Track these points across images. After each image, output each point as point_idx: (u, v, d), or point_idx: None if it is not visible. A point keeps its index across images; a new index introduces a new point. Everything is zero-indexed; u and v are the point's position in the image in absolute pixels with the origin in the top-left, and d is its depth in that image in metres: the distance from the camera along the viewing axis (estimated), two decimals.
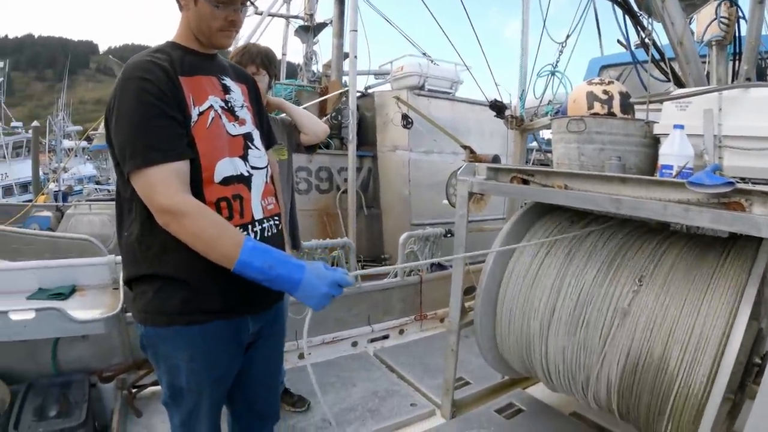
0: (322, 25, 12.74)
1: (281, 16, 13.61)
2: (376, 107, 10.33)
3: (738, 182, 2.54)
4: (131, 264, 2.03)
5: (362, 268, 8.83)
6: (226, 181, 2.02)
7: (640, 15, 3.79)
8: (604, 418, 3.55)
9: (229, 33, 2.09)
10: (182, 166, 1.86)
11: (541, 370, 3.11)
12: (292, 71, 14.90)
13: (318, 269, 1.91)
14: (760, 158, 2.73)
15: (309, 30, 12.72)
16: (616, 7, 3.87)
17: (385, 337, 5.29)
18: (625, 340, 2.59)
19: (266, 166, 2.25)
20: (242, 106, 2.21)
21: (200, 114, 1.98)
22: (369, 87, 12.19)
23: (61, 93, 49.03)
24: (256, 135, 2.25)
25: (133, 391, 3.76)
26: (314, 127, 3.61)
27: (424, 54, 11.30)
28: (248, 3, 2.13)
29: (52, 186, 22.41)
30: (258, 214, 2.14)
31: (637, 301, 2.60)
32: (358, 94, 9.56)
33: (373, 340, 5.20)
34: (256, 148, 2.21)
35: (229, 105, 2.14)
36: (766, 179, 2.70)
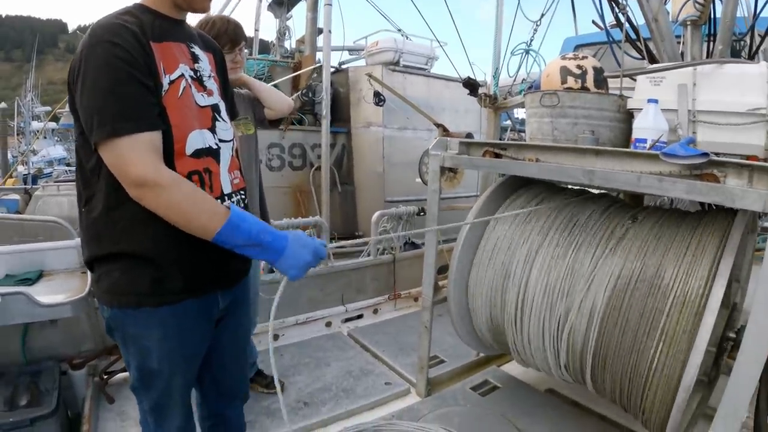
0: (295, 0, 12.57)
1: None
2: (350, 83, 10.30)
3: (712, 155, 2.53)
4: (94, 242, 1.94)
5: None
6: (197, 153, 1.94)
7: None
8: (579, 393, 3.56)
9: None
10: (155, 137, 1.77)
11: (515, 345, 3.10)
12: (265, 48, 14.71)
13: (301, 238, 1.89)
14: (733, 133, 2.70)
15: (282, 4, 12.54)
16: None
17: (360, 316, 5.27)
18: (598, 310, 2.59)
19: (232, 139, 2.18)
20: (210, 76, 2.12)
21: (171, 83, 1.88)
22: (343, 63, 12.12)
23: (29, 74, 48.15)
24: (223, 107, 2.17)
25: (105, 377, 3.69)
26: (278, 102, 3.54)
27: (399, 30, 11.23)
28: None
29: (21, 169, 22.04)
30: (227, 188, 2.08)
31: (614, 273, 2.59)
32: (332, 70, 9.48)
33: (347, 320, 5.18)
34: (223, 120, 2.13)
35: (198, 74, 2.05)
36: (739, 154, 2.67)
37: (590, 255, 2.73)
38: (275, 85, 7.19)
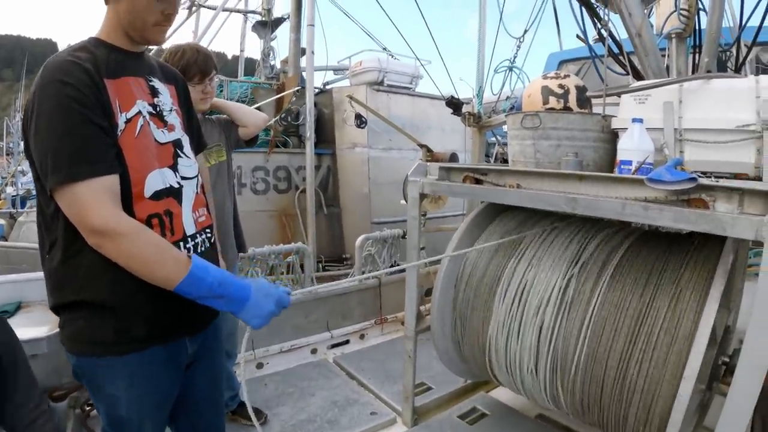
0: (279, 20, 12.57)
1: (238, 11, 13.49)
2: (335, 104, 10.24)
3: (701, 177, 2.45)
4: (56, 290, 1.86)
5: (323, 269, 8.75)
6: (157, 195, 1.86)
7: (597, 6, 3.70)
8: (570, 419, 3.49)
9: (164, 27, 1.92)
10: (113, 181, 1.69)
11: (501, 372, 3.05)
12: (252, 68, 14.71)
13: (264, 288, 1.83)
14: (722, 151, 2.64)
15: (266, 25, 12.55)
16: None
17: (346, 342, 5.19)
18: (588, 339, 2.53)
19: (196, 175, 2.09)
20: (171, 110, 2.04)
21: (127, 121, 1.80)
22: (328, 83, 12.11)
23: (19, 93, 48.19)
24: (186, 141, 2.08)
25: (86, 409, 3.60)
26: (251, 117, 3.53)
27: (384, 49, 11.25)
28: None
29: (9, 190, 21.86)
30: (190, 230, 1.99)
31: (600, 301, 2.54)
32: (316, 91, 9.44)
33: (333, 346, 5.09)
34: (186, 156, 2.05)
35: (158, 109, 1.96)
36: (729, 173, 2.62)
37: (576, 280, 2.67)
38: (259, 108, 7.19)
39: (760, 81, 2.64)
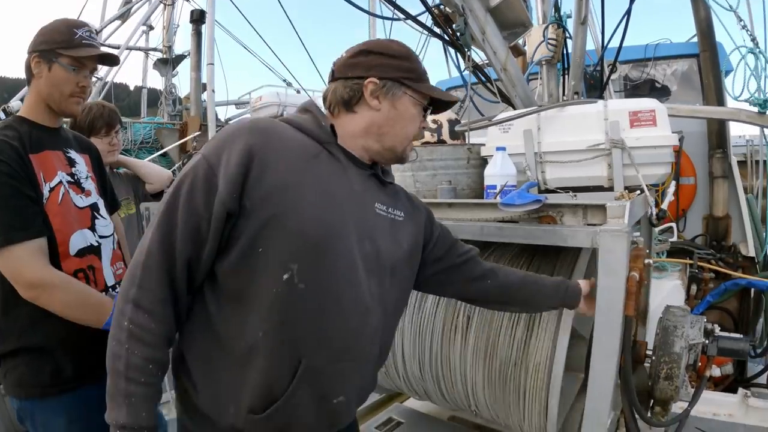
0: (180, 57, 12.57)
1: (139, 49, 13.43)
2: None
3: (559, 192, 2.78)
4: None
5: None
6: (80, 253, 2.13)
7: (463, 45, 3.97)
8: (479, 418, 3.67)
9: (79, 99, 2.18)
10: (43, 242, 1.96)
11: (408, 383, 3.24)
12: (155, 99, 14.54)
13: None
14: (578, 168, 2.96)
15: (167, 63, 12.54)
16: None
17: None
18: (465, 350, 2.72)
19: (113, 234, 2.35)
20: (87, 177, 2.30)
21: (51, 190, 2.06)
22: (230, 118, 12.15)
23: None
24: (101, 204, 2.34)
25: None
26: (157, 176, 3.72)
27: (284, 80, 11.32)
28: (97, 69, 2.24)
29: None
30: (110, 281, 2.25)
31: (473, 315, 2.71)
32: (218, 129, 9.50)
33: None
34: (102, 217, 2.31)
35: (76, 178, 2.22)
36: (584, 186, 2.97)
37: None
38: (164, 154, 7.26)
39: (608, 105, 2.99)
